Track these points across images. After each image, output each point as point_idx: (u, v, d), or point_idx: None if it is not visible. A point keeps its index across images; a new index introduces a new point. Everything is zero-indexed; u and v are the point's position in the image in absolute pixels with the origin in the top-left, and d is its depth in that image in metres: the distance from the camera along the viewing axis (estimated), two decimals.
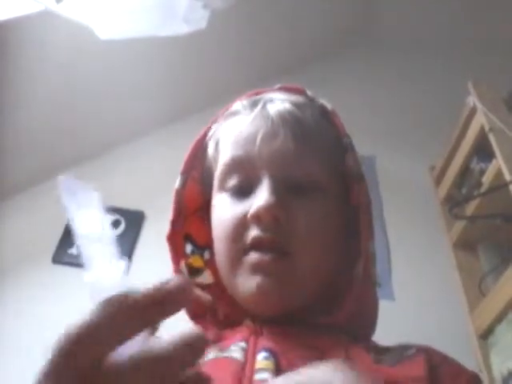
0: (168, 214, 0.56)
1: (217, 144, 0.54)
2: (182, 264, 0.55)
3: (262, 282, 0.45)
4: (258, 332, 0.46)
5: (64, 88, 1.38)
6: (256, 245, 0.46)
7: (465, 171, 1.42)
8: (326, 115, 0.53)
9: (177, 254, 0.55)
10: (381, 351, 0.45)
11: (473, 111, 1.33)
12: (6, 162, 1.39)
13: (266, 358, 0.42)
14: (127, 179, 1.59)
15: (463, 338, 1.21)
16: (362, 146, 1.85)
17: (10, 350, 1.16)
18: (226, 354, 0.43)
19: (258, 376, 0.40)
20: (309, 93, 0.55)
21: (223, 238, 0.49)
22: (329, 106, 0.54)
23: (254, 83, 1.85)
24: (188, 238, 0.57)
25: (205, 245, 0.56)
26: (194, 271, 0.55)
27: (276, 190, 0.46)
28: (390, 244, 1.44)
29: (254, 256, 0.46)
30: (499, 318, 1.11)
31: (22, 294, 1.29)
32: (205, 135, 0.57)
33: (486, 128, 1.22)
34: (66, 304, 1.36)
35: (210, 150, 0.55)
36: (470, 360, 1.13)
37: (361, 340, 0.47)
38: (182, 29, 1.16)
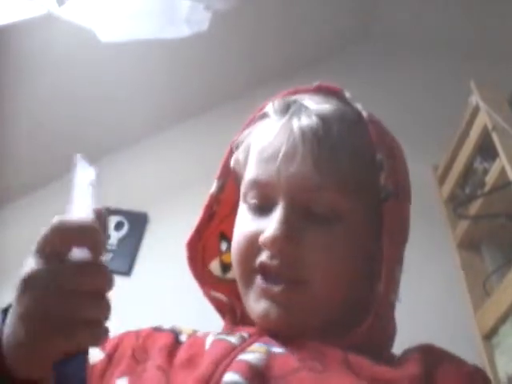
0: (171, 216, 0.57)
1: (246, 151, 0.53)
2: (216, 261, 0.56)
3: (268, 308, 0.45)
4: (264, 334, 0.47)
5: (66, 90, 1.39)
6: (263, 271, 0.46)
7: (468, 170, 1.41)
8: (356, 125, 0.49)
9: (203, 256, 0.57)
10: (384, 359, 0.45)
11: (475, 110, 1.33)
12: (8, 166, 1.39)
13: (260, 346, 0.43)
14: (130, 181, 1.60)
15: (467, 338, 1.21)
16: None
17: None
18: (223, 337, 0.45)
19: (242, 356, 0.41)
20: (347, 95, 0.52)
21: (237, 252, 0.49)
22: (365, 112, 0.50)
23: (257, 85, 1.87)
24: (223, 236, 0.58)
25: None
26: (226, 268, 0.57)
27: (288, 218, 0.45)
28: None
29: (262, 283, 0.46)
30: (504, 318, 1.11)
31: None
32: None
33: (489, 127, 1.22)
34: None
35: (241, 156, 0.54)
36: (474, 360, 1.13)
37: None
38: (184, 31, 1.16)
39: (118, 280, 1.38)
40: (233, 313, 0.55)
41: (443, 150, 1.56)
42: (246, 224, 0.49)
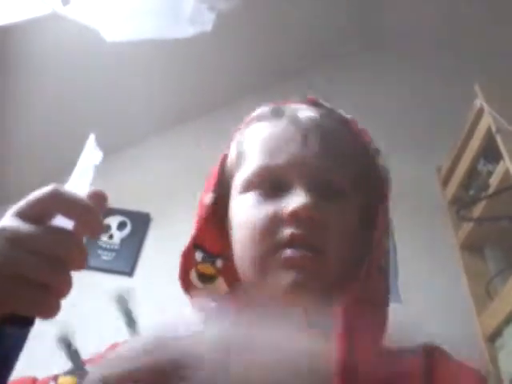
0: (174, 216, 0.57)
1: (240, 148, 0.55)
2: (192, 271, 0.56)
3: (296, 277, 0.47)
4: None
5: (70, 89, 1.39)
6: (290, 242, 0.48)
7: (472, 172, 1.41)
8: (346, 124, 0.55)
9: (187, 264, 0.56)
10: (387, 350, 0.46)
11: (480, 112, 1.33)
12: (10, 164, 1.40)
13: None
14: (133, 181, 1.60)
15: (471, 340, 1.20)
16: None
17: None
18: None
19: None
20: (326, 104, 0.57)
21: (251, 236, 0.50)
22: (347, 115, 0.56)
23: (256, 86, 1.86)
24: (197, 246, 0.57)
25: (217, 253, 0.57)
26: (206, 279, 0.56)
27: (310, 192, 0.49)
28: (397, 246, 1.43)
29: (288, 252, 0.47)
30: (507, 321, 1.10)
31: None
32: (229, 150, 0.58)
33: (494, 129, 1.21)
34: (70, 305, 1.36)
35: (233, 155, 0.56)
36: (477, 362, 1.13)
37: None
38: (188, 31, 1.16)
39: (120, 280, 1.39)
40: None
41: (447, 151, 1.56)
42: (256, 208, 0.50)
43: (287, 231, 0.48)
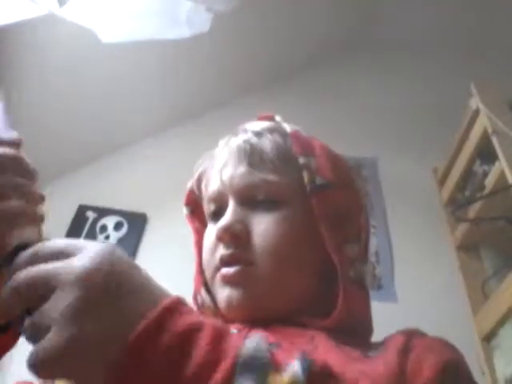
0: (170, 217, 0.58)
1: (205, 182, 0.60)
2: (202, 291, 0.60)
3: (230, 293, 0.50)
4: (251, 328, 0.48)
5: (66, 90, 1.39)
6: (222, 262, 0.51)
7: (468, 173, 1.42)
8: (284, 137, 0.58)
9: (196, 287, 0.60)
10: (372, 346, 0.46)
11: (476, 113, 1.33)
12: None
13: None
14: (130, 181, 1.60)
15: (466, 340, 1.21)
16: (365, 148, 1.85)
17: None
18: None
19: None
20: (277, 118, 0.62)
21: (204, 257, 0.55)
22: (289, 128, 0.59)
23: (257, 87, 1.86)
24: None
25: None
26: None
27: (236, 210, 0.52)
28: (393, 246, 1.44)
29: (222, 271, 0.51)
30: (502, 321, 1.11)
31: None
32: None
33: (489, 130, 1.22)
34: None
35: (202, 189, 0.61)
36: (473, 362, 1.13)
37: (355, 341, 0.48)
38: (185, 32, 1.16)
39: None
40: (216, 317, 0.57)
41: (443, 152, 1.57)
42: (207, 234, 0.56)
43: (218, 253, 0.52)
